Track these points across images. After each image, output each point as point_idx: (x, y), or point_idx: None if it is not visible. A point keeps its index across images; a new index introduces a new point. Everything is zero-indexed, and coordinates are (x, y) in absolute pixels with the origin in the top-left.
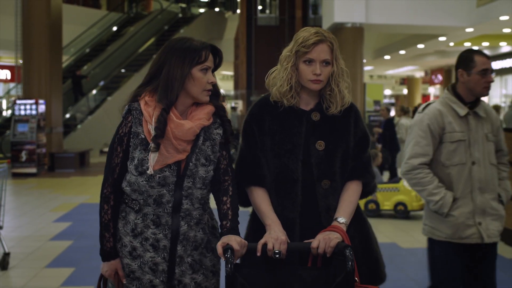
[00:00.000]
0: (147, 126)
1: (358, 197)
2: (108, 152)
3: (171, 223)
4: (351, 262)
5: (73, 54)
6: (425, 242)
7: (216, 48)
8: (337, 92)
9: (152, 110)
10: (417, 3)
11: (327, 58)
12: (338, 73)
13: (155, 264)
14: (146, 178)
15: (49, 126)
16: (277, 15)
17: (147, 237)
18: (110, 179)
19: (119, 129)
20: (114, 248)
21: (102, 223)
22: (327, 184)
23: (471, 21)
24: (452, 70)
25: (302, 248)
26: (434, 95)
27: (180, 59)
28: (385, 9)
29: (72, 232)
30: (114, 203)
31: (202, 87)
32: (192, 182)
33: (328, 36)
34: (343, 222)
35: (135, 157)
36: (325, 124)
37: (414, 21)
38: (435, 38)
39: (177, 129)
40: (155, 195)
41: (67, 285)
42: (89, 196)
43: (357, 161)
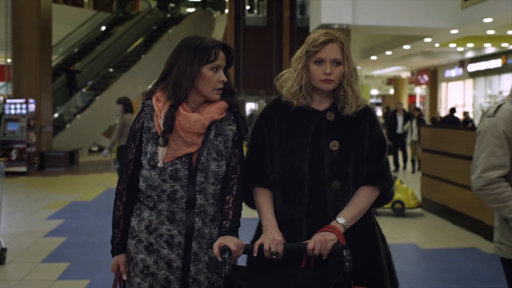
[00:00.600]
0: (158, 120)
1: (368, 203)
2: (124, 150)
3: (186, 219)
4: (349, 262)
5: (62, 53)
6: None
7: (227, 46)
8: (351, 92)
9: (162, 105)
10: (403, 5)
11: (338, 58)
12: (350, 73)
13: (170, 261)
14: (158, 172)
15: (39, 125)
16: (265, 15)
17: (162, 233)
18: (124, 175)
19: (133, 126)
20: (121, 243)
21: (114, 219)
22: (338, 186)
23: (455, 23)
24: (437, 70)
25: (298, 249)
26: (420, 95)
27: (190, 58)
28: (371, 10)
29: (65, 229)
30: (127, 200)
31: (213, 86)
32: (204, 176)
33: (338, 36)
34: (342, 223)
35: (147, 151)
36: (340, 125)
37: (400, 23)
38: (420, 39)
39: (184, 121)
40: (168, 190)
41: (63, 279)
42: (80, 194)
43: (373, 166)
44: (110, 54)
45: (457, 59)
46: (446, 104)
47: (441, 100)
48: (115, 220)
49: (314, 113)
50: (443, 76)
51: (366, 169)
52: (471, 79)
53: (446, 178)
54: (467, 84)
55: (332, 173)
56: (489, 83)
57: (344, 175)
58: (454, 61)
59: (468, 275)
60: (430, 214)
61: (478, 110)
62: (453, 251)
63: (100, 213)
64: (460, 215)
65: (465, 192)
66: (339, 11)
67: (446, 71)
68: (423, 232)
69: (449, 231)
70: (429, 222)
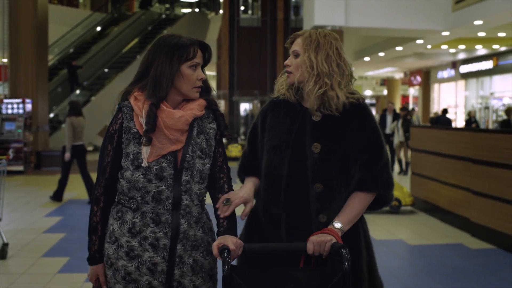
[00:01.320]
0: (139, 119)
1: (364, 206)
2: (99, 154)
3: (171, 221)
4: (347, 262)
5: (57, 54)
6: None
7: (204, 44)
8: (327, 90)
9: (142, 104)
10: (396, 7)
11: (296, 49)
12: (307, 65)
13: (153, 264)
14: (143, 172)
15: (36, 124)
16: (259, 16)
17: (146, 236)
18: (101, 179)
19: (109, 127)
20: (99, 252)
21: (91, 225)
22: (320, 188)
23: (447, 25)
24: (430, 71)
25: (297, 249)
26: (413, 96)
27: (168, 56)
28: (364, 12)
29: (63, 225)
30: (104, 205)
31: (192, 84)
32: (190, 175)
33: (307, 32)
34: (339, 228)
35: (129, 152)
36: (324, 126)
37: (392, 25)
38: (413, 41)
39: (168, 118)
40: (153, 191)
41: (63, 272)
42: (77, 193)
43: (365, 172)
44: (105, 54)
45: (449, 61)
46: (438, 104)
47: (434, 100)
48: (92, 227)
49: (301, 112)
50: (435, 77)
51: (358, 174)
52: (463, 80)
53: (435, 177)
54: (459, 85)
55: (314, 175)
56: (481, 84)
57: (326, 178)
58: (446, 63)
59: (454, 270)
60: (419, 212)
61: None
62: (440, 246)
63: None
64: (448, 213)
65: (452, 191)
66: (332, 12)
67: (438, 72)
68: (412, 229)
69: (437, 228)
70: (418, 220)
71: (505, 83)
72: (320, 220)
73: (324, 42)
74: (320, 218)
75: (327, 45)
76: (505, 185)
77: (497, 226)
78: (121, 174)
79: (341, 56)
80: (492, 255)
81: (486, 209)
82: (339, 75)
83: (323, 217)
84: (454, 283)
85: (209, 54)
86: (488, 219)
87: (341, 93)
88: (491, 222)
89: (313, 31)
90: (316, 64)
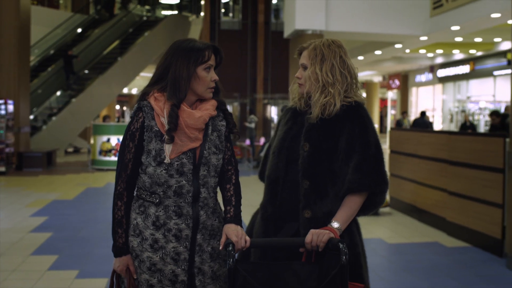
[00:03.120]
0: (160, 119)
1: (358, 206)
2: (119, 150)
3: (192, 213)
4: (345, 255)
5: (38, 55)
6: (377, 234)
7: (217, 48)
8: (313, 95)
9: (162, 105)
10: (375, 13)
11: (303, 63)
12: (314, 78)
13: (177, 253)
14: (165, 167)
15: (17, 125)
16: (240, 19)
17: (170, 228)
18: (123, 175)
19: (131, 126)
20: (126, 244)
21: (115, 219)
22: (307, 184)
23: (425, 30)
24: (408, 75)
25: (296, 242)
26: (391, 99)
27: (185, 60)
28: (344, 17)
29: (50, 225)
30: (127, 200)
31: (206, 85)
32: (207, 170)
33: (312, 44)
34: (337, 227)
35: (151, 149)
36: (315, 128)
37: (372, 29)
38: (391, 45)
39: (188, 117)
40: (174, 186)
41: (53, 269)
42: (61, 193)
43: (358, 172)
44: (86, 56)
45: (427, 65)
46: (416, 108)
47: (412, 104)
48: (117, 221)
49: (303, 116)
50: (413, 80)
51: (350, 175)
52: (441, 84)
53: (413, 178)
54: (437, 88)
55: (302, 173)
56: (458, 88)
57: (312, 175)
58: (424, 67)
59: (431, 266)
60: (398, 213)
61: (447, 114)
62: (417, 245)
63: (82, 211)
64: (425, 213)
65: (429, 191)
66: (313, 17)
67: (416, 76)
68: (390, 228)
69: (414, 227)
70: (396, 220)
71: (481, 87)
72: (304, 215)
73: (328, 53)
74: (304, 213)
75: (331, 55)
76: (480, 185)
77: (472, 225)
78: (143, 170)
79: (345, 63)
80: (467, 252)
81: (462, 209)
82: (341, 83)
83: (307, 212)
84: (432, 278)
85: (221, 57)
86: (464, 219)
87: (338, 101)
88: (466, 221)
89: (318, 43)
90: (321, 76)
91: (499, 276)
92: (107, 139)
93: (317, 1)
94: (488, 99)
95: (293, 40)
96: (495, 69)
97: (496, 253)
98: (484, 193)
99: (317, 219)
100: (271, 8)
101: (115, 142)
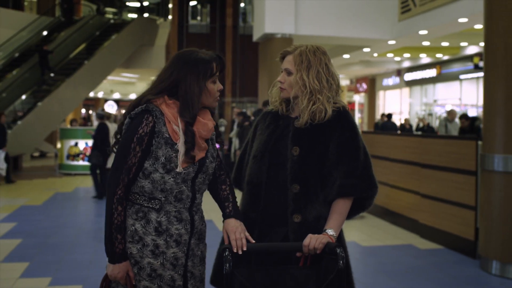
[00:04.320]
0: (172, 126)
1: (348, 209)
2: (120, 153)
3: (190, 218)
4: (342, 260)
5: (2, 58)
6: (351, 237)
7: (220, 57)
8: (301, 101)
9: (176, 112)
10: (344, 17)
11: (288, 68)
12: (302, 84)
13: (176, 259)
14: (174, 175)
15: None
16: (208, 23)
17: (172, 233)
18: (125, 179)
19: (139, 129)
20: (125, 249)
21: (115, 224)
22: (297, 189)
23: (393, 34)
24: (375, 79)
25: (293, 247)
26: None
27: (195, 75)
28: (313, 21)
29: (19, 231)
30: (126, 205)
31: (214, 97)
32: (203, 177)
33: (295, 50)
34: (332, 235)
35: (159, 155)
36: (305, 132)
37: (341, 33)
38: (360, 49)
39: (203, 128)
40: (175, 191)
41: (25, 277)
42: (29, 198)
43: (347, 176)
44: (52, 59)
45: (394, 68)
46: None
47: (379, 107)
48: (116, 226)
49: (285, 120)
50: (381, 84)
51: (339, 180)
52: (408, 87)
53: (385, 182)
54: (404, 92)
55: (292, 177)
56: (425, 92)
57: (303, 179)
58: (391, 70)
59: (405, 268)
60: (370, 216)
61: (414, 118)
62: (391, 247)
63: (52, 216)
64: (398, 216)
65: (402, 194)
66: (282, 21)
67: (383, 79)
68: (364, 231)
69: (388, 230)
70: (370, 223)
71: (447, 91)
72: (294, 220)
73: (314, 60)
74: (294, 217)
75: (317, 62)
76: (452, 187)
77: (445, 227)
78: (145, 175)
79: (330, 71)
80: (441, 254)
81: (435, 211)
82: (328, 89)
83: (297, 217)
84: (407, 281)
85: (223, 66)
86: (437, 221)
87: (329, 107)
88: (439, 224)
89: (303, 49)
90: (309, 83)
91: (473, 278)
92: (75, 143)
93: (287, 5)
94: (454, 102)
95: (262, 44)
96: (461, 73)
97: (469, 255)
98: (457, 195)
99: (308, 223)
100: (239, 11)
101: (83, 146)
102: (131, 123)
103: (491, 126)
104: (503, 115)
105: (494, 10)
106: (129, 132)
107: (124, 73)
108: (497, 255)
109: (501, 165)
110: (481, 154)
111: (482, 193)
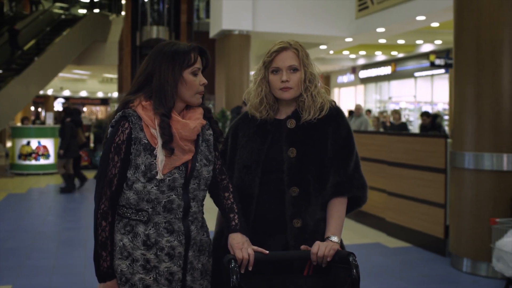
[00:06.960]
0: (150, 130)
1: (345, 210)
2: (100, 164)
3: (183, 229)
4: (356, 268)
5: None
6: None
7: (202, 49)
8: (307, 98)
9: (152, 115)
10: (302, 14)
11: (293, 64)
12: (308, 79)
13: (171, 274)
14: (156, 184)
15: None
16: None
17: (162, 246)
18: (108, 192)
19: (115, 137)
20: (111, 267)
21: (99, 241)
22: (296, 192)
23: (350, 31)
24: (330, 76)
25: (301, 255)
26: None
27: (170, 64)
28: (271, 18)
29: None
30: (112, 219)
31: (195, 90)
32: (197, 183)
33: (293, 44)
34: (336, 241)
35: (139, 164)
36: (299, 132)
37: (298, 30)
38: (317, 46)
39: (183, 129)
40: (164, 201)
41: None
42: None
43: (339, 177)
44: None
45: (349, 66)
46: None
47: None
48: (101, 243)
49: (274, 124)
50: (335, 81)
51: (333, 179)
52: (362, 85)
53: None
54: (359, 89)
55: (290, 179)
56: (379, 89)
57: (302, 181)
58: (346, 68)
59: (376, 267)
60: None
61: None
62: (359, 246)
63: (6, 219)
64: (365, 214)
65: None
66: (240, 17)
67: (338, 77)
68: None
69: (355, 229)
70: None
71: (402, 88)
72: (294, 225)
73: (304, 53)
74: (294, 223)
75: (307, 55)
76: (418, 185)
77: (413, 225)
78: (128, 186)
79: None
80: (410, 252)
81: (402, 209)
82: (314, 81)
83: (297, 222)
84: (378, 280)
85: (207, 59)
86: (404, 219)
87: (326, 101)
88: (407, 222)
89: (295, 43)
90: (316, 77)
91: (445, 275)
92: (27, 142)
93: (244, 2)
94: (409, 99)
95: (219, 40)
96: (416, 70)
97: (439, 253)
98: (426, 193)
99: (309, 227)
100: (194, 8)
101: (36, 145)
102: (111, 131)
103: (462, 124)
104: (473, 112)
105: (465, 7)
106: (108, 141)
107: (76, 70)
108: (468, 253)
109: (471, 163)
110: (451, 151)
111: (452, 190)
